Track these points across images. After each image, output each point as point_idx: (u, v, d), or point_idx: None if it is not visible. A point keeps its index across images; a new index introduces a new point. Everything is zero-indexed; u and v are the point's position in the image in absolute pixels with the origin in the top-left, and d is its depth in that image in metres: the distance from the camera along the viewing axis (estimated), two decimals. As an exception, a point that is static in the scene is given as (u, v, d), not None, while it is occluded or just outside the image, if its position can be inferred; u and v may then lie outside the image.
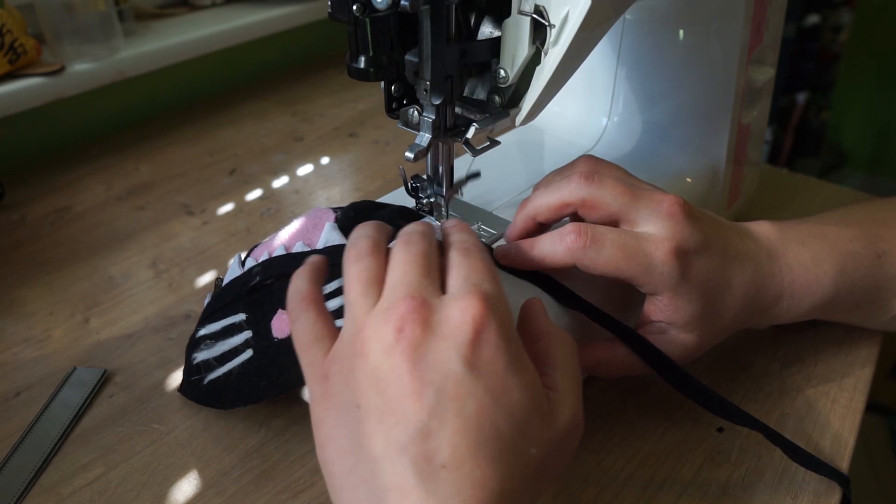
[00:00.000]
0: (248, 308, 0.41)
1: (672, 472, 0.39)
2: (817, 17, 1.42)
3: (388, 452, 0.26)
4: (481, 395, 0.27)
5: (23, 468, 0.40)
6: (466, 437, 0.26)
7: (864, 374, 0.45)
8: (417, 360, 0.27)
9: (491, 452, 0.26)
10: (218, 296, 0.43)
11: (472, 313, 0.28)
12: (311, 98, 0.91)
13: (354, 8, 0.33)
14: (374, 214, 0.42)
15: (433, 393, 0.26)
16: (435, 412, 0.26)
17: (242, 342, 0.40)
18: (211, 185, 0.70)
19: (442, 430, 0.26)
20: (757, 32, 0.49)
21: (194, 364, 0.42)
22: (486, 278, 0.30)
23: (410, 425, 0.26)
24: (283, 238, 0.42)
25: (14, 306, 0.53)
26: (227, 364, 0.40)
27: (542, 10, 0.34)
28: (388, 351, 0.27)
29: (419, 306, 0.28)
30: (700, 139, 0.51)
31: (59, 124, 0.80)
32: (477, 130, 0.38)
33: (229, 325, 0.41)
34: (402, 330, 0.28)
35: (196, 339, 0.43)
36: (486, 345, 0.28)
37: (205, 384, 0.41)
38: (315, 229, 0.41)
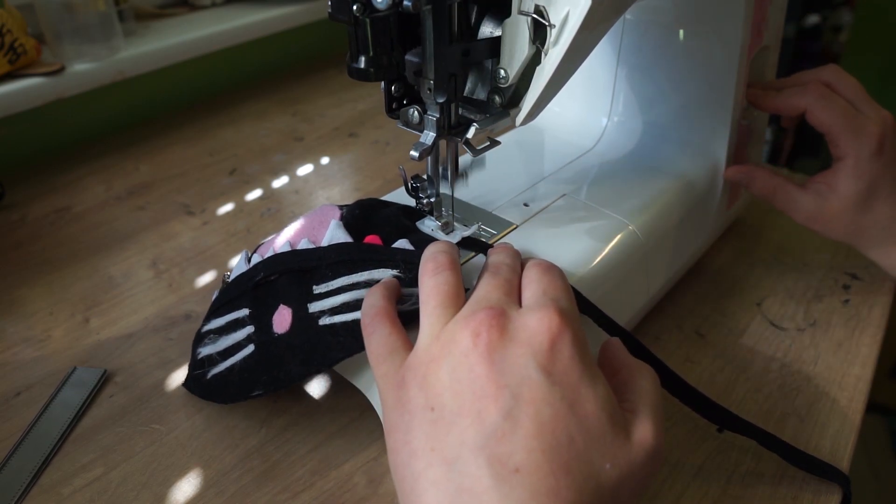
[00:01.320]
0: (251, 303, 0.41)
1: (672, 472, 0.39)
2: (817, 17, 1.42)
3: (463, 453, 0.26)
4: (556, 402, 0.27)
5: (23, 468, 0.40)
6: (541, 443, 0.26)
7: (864, 374, 0.45)
8: (494, 363, 0.28)
9: (564, 461, 0.26)
10: (224, 291, 0.43)
11: (549, 323, 0.29)
12: (311, 98, 0.91)
13: (355, 8, 0.33)
14: (378, 213, 0.42)
15: (509, 395, 0.27)
16: (510, 414, 0.26)
17: (244, 337, 0.40)
18: (211, 185, 0.70)
19: (516, 432, 0.26)
20: (757, 33, 0.49)
21: (199, 359, 0.42)
22: (563, 295, 0.31)
23: (486, 426, 0.26)
24: (288, 235, 0.42)
25: (14, 306, 0.53)
26: (230, 359, 0.41)
27: (543, 10, 0.34)
28: (465, 353, 0.28)
29: (498, 315, 0.29)
30: (700, 139, 0.51)
31: (59, 124, 0.80)
32: (477, 130, 0.38)
33: (233, 320, 0.41)
34: (479, 334, 0.28)
35: (201, 333, 0.43)
36: (562, 354, 0.28)
37: (208, 378, 0.41)
38: (321, 226, 0.41)
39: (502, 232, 0.44)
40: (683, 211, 0.49)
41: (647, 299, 0.48)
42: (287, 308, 0.39)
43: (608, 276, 0.42)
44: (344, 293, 0.38)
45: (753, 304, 0.51)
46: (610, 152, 0.53)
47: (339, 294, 0.38)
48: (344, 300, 0.37)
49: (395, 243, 0.40)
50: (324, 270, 0.39)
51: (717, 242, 0.58)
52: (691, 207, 0.50)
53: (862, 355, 0.47)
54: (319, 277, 0.39)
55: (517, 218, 0.45)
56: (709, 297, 0.52)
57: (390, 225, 0.41)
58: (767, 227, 0.61)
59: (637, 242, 0.44)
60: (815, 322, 0.49)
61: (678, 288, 0.53)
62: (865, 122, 0.46)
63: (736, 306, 0.51)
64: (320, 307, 0.38)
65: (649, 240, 0.45)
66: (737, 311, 0.51)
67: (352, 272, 0.38)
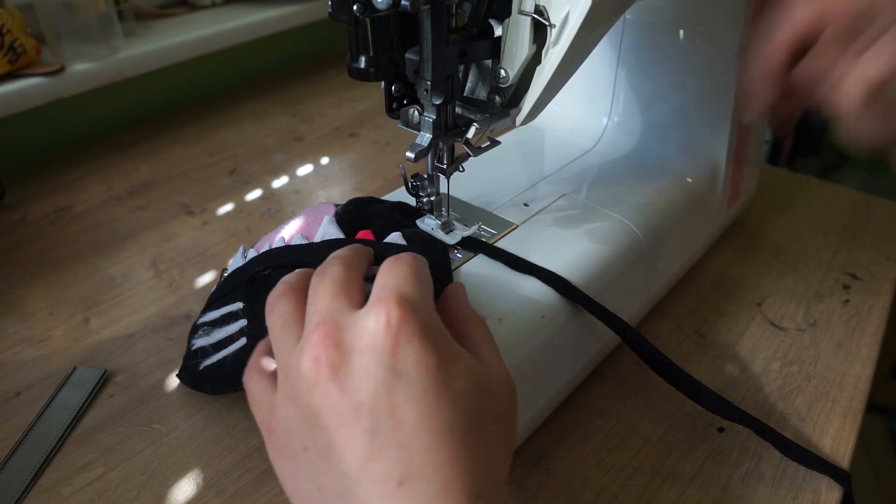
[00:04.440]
0: (245, 297, 0.41)
1: (672, 472, 0.39)
2: (817, 17, 1.42)
3: (348, 484, 0.25)
4: (419, 398, 0.25)
5: (23, 468, 0.40)
6: (418, 447, 0.25)
7: (864, 374, 0.45)
8: (342, 382, 0.26)
9: (450, 451, 0.25)
10: (220, 286, 0.44)
11: (387, 317, 0.26)
12: (311, 98, 0.91)
13: (355, 8, 0.33)
14: (371, 209, 0.42)
15: (368, 411, 0.25)
16: (376, 430, 0.25)
17: (237, 330, 0.41)
18: (211, 185, 0.70)
19: (389, 446, 0.25)
20: (757, 32, 0.49)
21: (192, 350, 0.43)
22: (408, 281, 0.28)
23: (357, 453, 0.25)
24: (284, 231, 0.43)
25: (14, 306, 0.53)
26: (222, 351, 0.41)
27: (543, 10, 0.34)
28: (312, 384, 0.26)
29: (330, 329, 0.27)
30: (700, 139, 0.51)
31: (59, 124, 0.80)
32: (477, 130, 0.38)
33: (227, 313, 0.42)
34: (318, 358, 0.26)
35: (196, 325, 0.44)
36: (409, 346, 0.26)
37: (200, 370, 0.42)
38: (315, 223, 0.42)
39: (502, 232, 0.44)
40: (683, 211, 0.49)
41: (647, 299, 0.48)
42: None
43: (608, 276, 0.42)
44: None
45: (753, 304, 0.51)
46: (610, 152, 0.53)
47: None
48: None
49: (387, 238, 0.40)
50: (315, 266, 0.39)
51: (717, 242, 0.58)
52: (691, 207, 0.50)
53: (862, 355, 0.47)
54: None
55: (517, 218, 0.45)
56: (709, 297, 0.52)
57: (382, 220, 0.41)
58: (767, 227, 0.61)
59: (637, 242, 0.44)
60: (815, 322, 0.49)
61: (678, 288, 0.53)
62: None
63: (736, 306, 0.51)
64: None
65: (649, 240, 0.45)
66: (737, 311, 0.51)
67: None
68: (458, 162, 0.42)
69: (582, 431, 0.41)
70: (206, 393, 0.43)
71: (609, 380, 0.45)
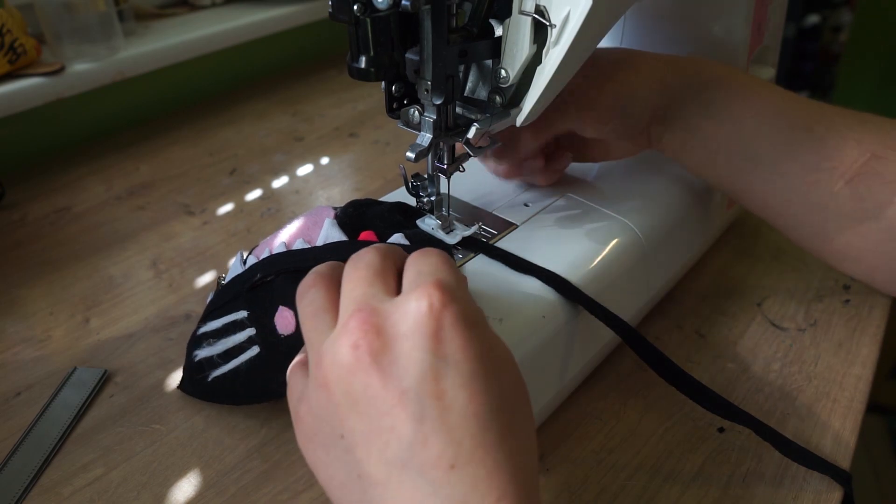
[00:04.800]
0: (249, 305, 0.41)
1: (673, 472, 0.39)
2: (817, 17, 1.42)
3: (392, 472, 0.25)
4: (468, 382, 0.25)
5: (23, 468, 0.40)
6: (468, 431, 0.24)
7: (864, 374, 0.45)
8: (385, 369, 0.25)
9: (497, 433, 0.25)
10: (219, 293, 0.43)
11: (429, 301, 0.26)
12: (311, 98, 0.91)
13: (355, 8, 0.33)
14: (371, 210, 0.42)
15: (414, 397, 0.25)
16: (423, 416, 0.24)
17: (246, 339, 0.40)
18: (211, 185, 0.70)
19: (438, 432, 0.24)
20: (757, 32, 0.49)
21: (196, 361, 0.42)
22: (442, 269, 0.28)
23: (403, 439, 0.24)
24: (283, 236, 0.42)
25: (14, 306, 0.53)
26: (233, 361, 0.41)
27: (543, 10, 0.34)
28: (351, 371, 0.26)
29: (368, 315, 0.26)
30: (700, 139, 0.51)
31: (59, 124, 0.80)
32: (478, 130, 0.38)
33: (230, 322, 0.41)
34: (357, 346, 0.26)
35: (197, 336, 0.43)
36: (454, 331, 0.26)
37: (209, 381, 0.41)
38: (315, 227, 0.41)
39: (502, 232, 0.44)
40: (683, 211, 0.49)
41: (647, 299, 0.48)
42: (288, 310, 0.39)
43: (608, 276, 0.42)
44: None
45: (754, 304, 0.51)
46: (610, 152, 0.53)
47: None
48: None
49: (390, 238, 0.40)
50: None
51: (717, 242, 0.58)
52: (691, 207, 0.50)
53: (862, 355, 0.47)
54: None
55: (517, 218, 0.45)
56: (709, 297, 0.52)
57: (384, 221, 0.41)
58: (767, 227, 0.61)
59: (637, 242, 0.44)
60: (815, 322, 0.49)
61: (678, 288, 0.53)
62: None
63: (736, 306, 0.51)
64: None
65: (649, 240, 0.45)
66: (737, 311, 0.51)
67: None
68: (459, 162, 0.42)
69: (582, 431, 0.41)
70: (222, 403, 0.43)
71: (609, 380, 0.45)
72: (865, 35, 1.68)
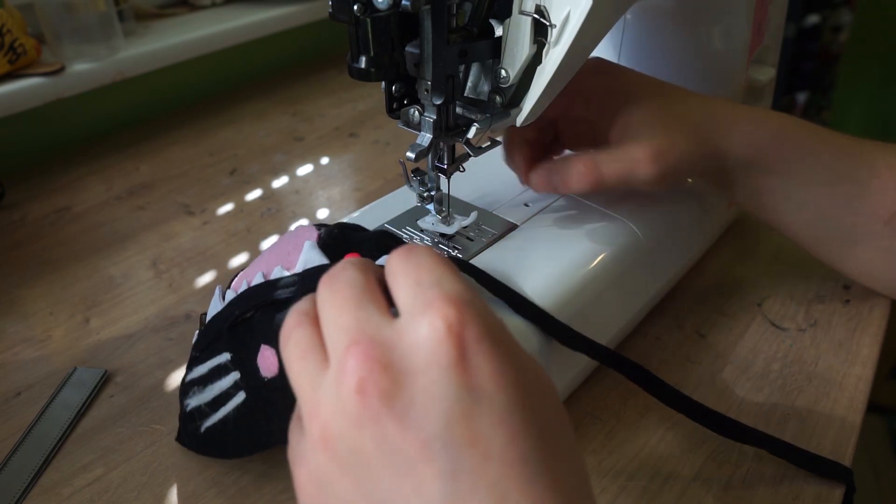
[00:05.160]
0: (231, 346, 0.37)
1: (673, 472, 0.39)
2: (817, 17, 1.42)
3: None
4: (506, 418, 0.20)
5: (23, 468, 0.39)
6: (514, 482, 0.20)
7: (864, 374, 0.45)
8: (401, 415, 0.20)
9: (548, 482, 0.21)
10: (202, 333, 0.39)
11: (444, 323, 0.21)
12: (311, 98, 0.91)
13: (355, 8, 0.33)
14: (358, 235, 0.39)
15: (442, 448, 0.20)
16: (457, 471, 0.20)
17: (231, 384, 0.36)
18: (211, 185, 0.70)
19: (476, 488, 0.20)
20: (758, 32, 0.49)
21: (188, 411, 0.39)
22: (443, 273, 0.23)
23: (433, 499, 0.20)
24: (261, 264, 0.38)
25: (14, 306, 0.53)
26: (221, 409, 0.37)
27: (543, 10, 0.34)
28: (358, 422, 0.21)
29: (368, 348, 0.21)
30: (700, 139, 0.51)
31: (59, 124, 0.80)
32: (478, 130, 0.38)
33: (215, 366, 0.37)
34: (362, 389, 0.21)
35: (185, 383, 0.39)
36: (480, 354, 0.21)
37: (202, 432, 0.38)
38: (295, 251, 0.36)
39: (502, 232, 0.44)
40: (683, 211, 0.49)
41: (647, 299, 0.48)
42: (269, 348, 0.35)
43: (608, 276, 0.42)
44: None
45: (754, 304, 0.51)
46: (610, 152, 0.53)
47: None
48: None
49: (378, 261, 0.34)
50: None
51: (717, 242, 0.57)
52: (691, 207, 0.50)
53: (862, 355, 0.47)
54: None
55: (518, 218, 0.45)
56: (709, 297, 0.52)
57: (372, 242, 0.37)
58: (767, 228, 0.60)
59: (637, 242, 0.44)
60: (815, 322, 0.49)
61: (678, 288, 0.52)
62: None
63: (736, 306, 0.51)
64: None
65: (649, 240, 0.45)
66: (737, 311, 0.51)
67: None
68: (459, 162, 0.42)
69: (582, 432, 0.41)
70: (214, 457, 0.39)
71: (609, 380, 0.45)
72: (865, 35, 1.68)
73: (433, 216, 0.44)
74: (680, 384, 0.44)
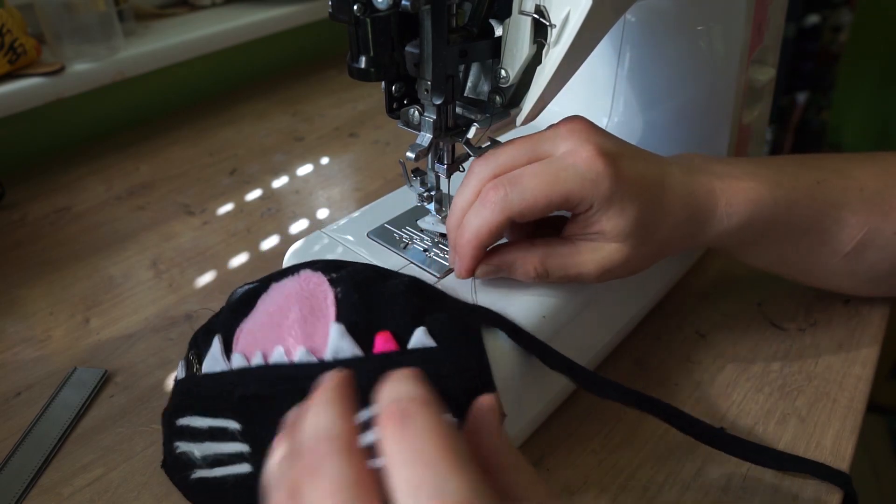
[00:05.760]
0: (239, 417, 0.34)
1: (673, 472, 0.39)
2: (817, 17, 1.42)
3: None
4: None
5: (23, 468, 0.40)
6: None
7: (864, 374, 0.45)
8: None
9: None
10: (196, 382, 0.36)
11: None
12: (311, 98, 0.91)
13: (355, 8, 0.33)
14: (380, 295, 0.34)
15: None
16: None
17: (236, 452, 0.34)
18: (211, 185, 0.70)
19: None
20: (758, 32, 0.49)
21: (177, 452, 0.36)
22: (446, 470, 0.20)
23: None
24: (277, 332, 0.34)
25: (14, 306, 0.53)
26: (218, 469, 0.35)
27: (543, 10, 0.34)
28: None
29: None
30: (701, 139, 0.51)
31: (59, 124, 0.80)
32: (478, 130, 0.38)
33: (218, 428, 0.35)
34: None
35: (177, 426, 0.36)
36: None
37: (191, 479, 0.35)
38: (317, 331, 0.33)
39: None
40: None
41: (648, 299, 0.48)
42: None
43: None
44: (367, 433, 0.31)
45: (754, 304, 0.51)
46: (610, 152, 0.53)
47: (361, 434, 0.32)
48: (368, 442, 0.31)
49: (411, 339, 0.32)
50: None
51: (717, 242, 0.57)
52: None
53: (862, 355, 0.47)
54: None
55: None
56: (709, 297, 0.52)
57: (397, 308, 0.33)
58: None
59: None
60: (815, 322, 0.49)
61: (678, 288, 0.52)
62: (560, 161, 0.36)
63: (736, 306, 0.51)
64: None
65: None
66: (737, 311, 0.51)
67: (368, 403, 0.30)
68: (459, 162, 0.42)
69: (582, 432, 0.41)
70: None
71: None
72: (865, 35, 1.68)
73: (433, 216, 0.44)
74: (680, 384, 0.44)
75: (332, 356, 0.32)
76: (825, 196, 0.41)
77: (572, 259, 0.37)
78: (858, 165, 0.43)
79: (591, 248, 0.37)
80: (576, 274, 0.37)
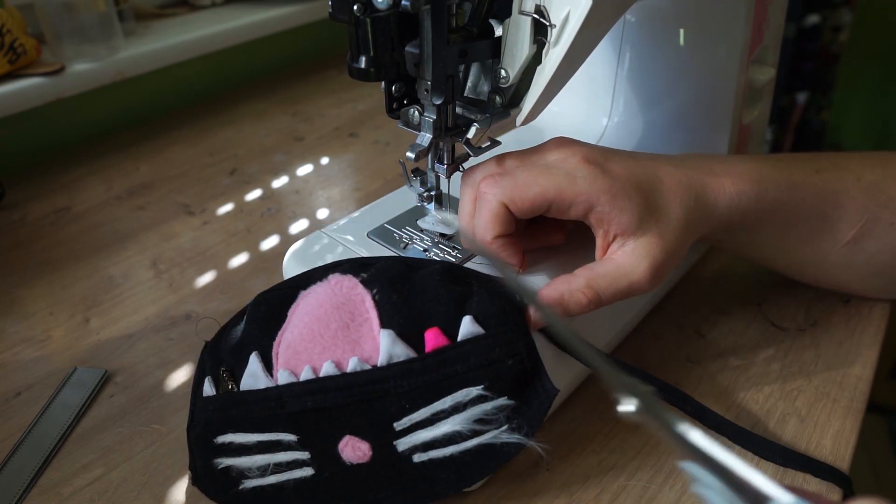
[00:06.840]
0: (295, 429, 0.35)
1: (673, 472, 0.39)
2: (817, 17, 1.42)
3: None
4: None
5: (23, 468, 0.40)
6: None
7: (864, 374, 0.45)
8: None
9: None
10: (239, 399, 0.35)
11: None
12: (311, 98, 0.91)
13: (355, 8, 0.33)
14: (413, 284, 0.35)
15: None
16: None
17: (294, 460, 0.35)
18: (211, 185, 0.70)
19: None
20: (758, 32, 0.49)
21: (220, 468, 0.36)
22: None
23: None
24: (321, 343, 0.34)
25: (14, 306, 0.53)
26: (274, 476, 0.35)
27: (543, 10, 0.34)
28: None
29: None
30: (701, 139, 0.51)
31: (59, 124, 0.80)
32: (477, 130, 0.38)
33: (272, 441, 0.35)
34: None
35: (216, 444, 0.36)
36: None
37: (245, 489, 0.36)
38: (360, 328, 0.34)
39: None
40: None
41: (648, 299, 0.48)
42: (360, 440, 0.34)
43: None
44: (431, 427, 0.34)
45: (754, 303, 0.51)
46: (610, 152, 0.53)
47: (425, 429, 0.34)
48: (434, 436, 0.33)
49: (461, 330, 0.34)
50: (398, 402, 0.33)
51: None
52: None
53: (862, 355, 0.47)
54: (396, 411, 0.34)
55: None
56: (709, 297, 0.52)
57: (439, 301, 0.34)
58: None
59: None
60: (815, 322, 0.49)
61: (678, 288, 0.53)
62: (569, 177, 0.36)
63: (736, 306, 0.51)
64: (409, 444, 0.34)
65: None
66: (737, 310, 0.51)
67: (430, 401, 0.33)
68: (459, 162, 0.42)
69: (582, 431, 0.41)
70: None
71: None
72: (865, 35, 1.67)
73: (433, 216, 0.44)
74: (680, 384, 0.44)
75: (386, 361, 0.33)
76: (825, 182, 0.42)
77: (617, 271, 0.37)
78: (855, 159, 0.44)
79: (629, 251, 0.37)
80: (627, 285, 0.37)
